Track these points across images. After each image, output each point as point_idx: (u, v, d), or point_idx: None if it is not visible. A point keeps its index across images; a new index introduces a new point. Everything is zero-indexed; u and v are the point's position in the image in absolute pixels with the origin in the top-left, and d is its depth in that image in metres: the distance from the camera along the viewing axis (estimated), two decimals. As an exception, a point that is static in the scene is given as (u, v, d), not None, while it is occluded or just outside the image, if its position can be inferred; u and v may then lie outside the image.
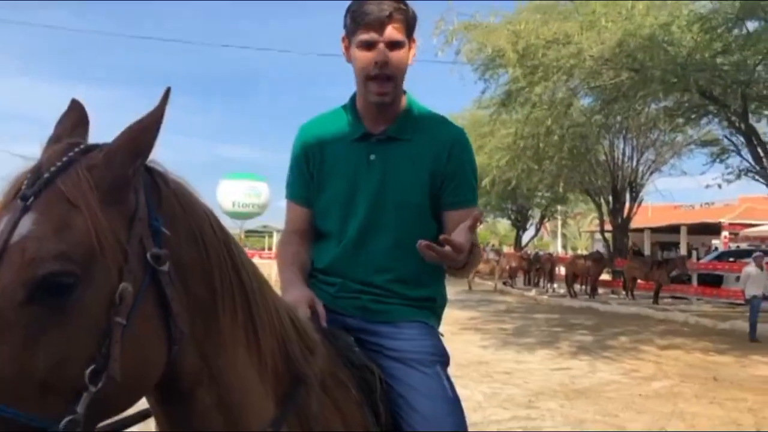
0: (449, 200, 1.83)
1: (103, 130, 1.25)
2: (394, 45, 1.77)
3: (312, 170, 1.92)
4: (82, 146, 1.13)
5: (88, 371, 1.03)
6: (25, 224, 1.03)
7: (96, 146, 1.14)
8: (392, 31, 1.76)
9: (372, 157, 1.84)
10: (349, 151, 1.87)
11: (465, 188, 1.87)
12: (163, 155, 1.23)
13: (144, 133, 1.13)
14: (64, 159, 1.09)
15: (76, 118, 1.23)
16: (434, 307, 1.95)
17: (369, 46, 1.77)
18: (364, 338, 1.82)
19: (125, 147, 1.12)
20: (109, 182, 1.09)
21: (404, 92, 1.91)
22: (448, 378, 1.81)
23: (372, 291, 1.85)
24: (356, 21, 1.78)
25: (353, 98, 1.92)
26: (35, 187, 1.06)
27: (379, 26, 1.75)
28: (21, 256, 1.01)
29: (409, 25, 1.82)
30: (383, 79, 1.78)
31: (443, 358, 1.85)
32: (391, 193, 1.83)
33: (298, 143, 1.96)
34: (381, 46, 1.76)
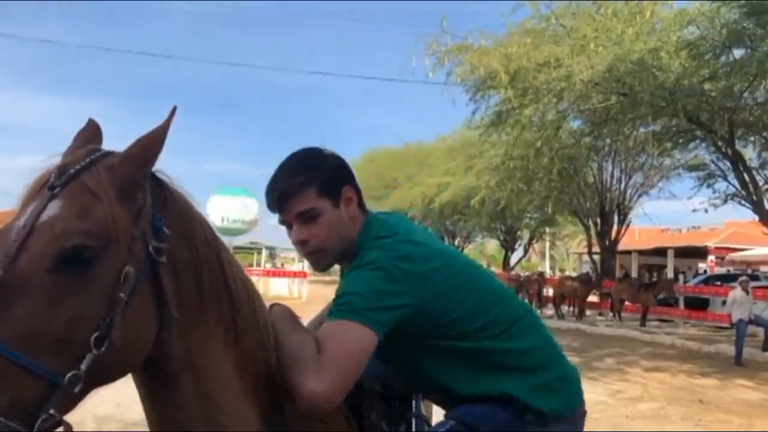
0: None
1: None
2: (304, 216, 1.66)
3: None
4: (102, 151, 1.34)
5: (93, 336, 1.19)
6: (53, 208, 1.22)
7: (113, 152, 1.34)
8: (295, 205, 1.66)
9: None
10: None
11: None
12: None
13: (151, 144, 1.32)
14: (88, 159, 1.29)
15: (91, 132, 1.45)
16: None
17: (286, 226, 1.72)
18: None
19: (136, 155, 1.31)
20: (122, 181, 1.28)
21: (364, 219, 1.76)
22: None
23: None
24: (267, 206, 1.73)
25: None
26: (62, 179, 1.25)
27: (281, 207, 1.69)
28: (50, 231, 1.19)
29: (321, 187, 1.67)
30: (309, 254, 1.72)
31: None
32: None
33: None
34: (294, 225, 1.68)
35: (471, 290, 1.68)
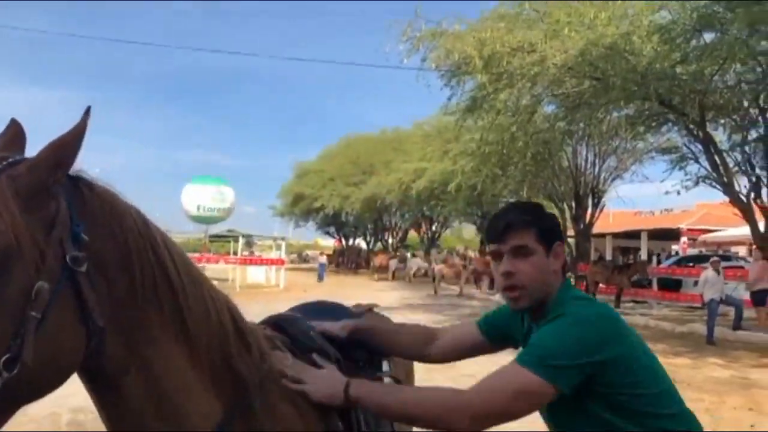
0: None
1: (54, 132, 1.36)
2: (518, 251, 1.74)
3: None
4: (9, 160, 1.24)
5: (3, 359, 1.13)
6: None
7: (23, 159, 1.26)
8: (514, 238, 1.74)
9: None
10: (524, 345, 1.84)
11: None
12: (120, 163, 1.30)
13: (64, 148, 1.25)
14: None
15: (13, 134, 1.35)
16: None
17: (497, 256, 1.79)
18: None
19: (46, 160, 1.23)
20: (30, 191, 1.20)
21: (562, 283, 1.81)
22: None
23: None
24: (486, 234, 1.84)
25: None
26: None
27: (500, 237, 1.76)
28: None
29: (541, 231, 1.76)
30: (511, 288, 1.76)
31: None
32: None
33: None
34: (505, 257, 1.75)
35: (656, 375, 1.74)
